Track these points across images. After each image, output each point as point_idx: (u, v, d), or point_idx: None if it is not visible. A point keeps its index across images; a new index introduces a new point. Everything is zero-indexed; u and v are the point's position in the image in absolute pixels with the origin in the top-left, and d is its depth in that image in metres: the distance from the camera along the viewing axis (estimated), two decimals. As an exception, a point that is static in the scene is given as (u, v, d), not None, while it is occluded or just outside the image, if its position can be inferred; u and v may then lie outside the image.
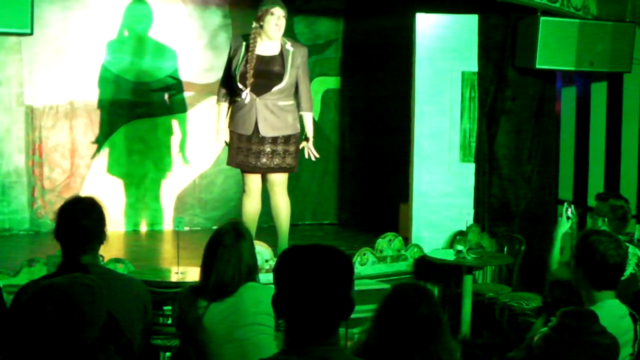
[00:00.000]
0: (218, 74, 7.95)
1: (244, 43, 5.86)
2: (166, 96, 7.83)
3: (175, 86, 7.83)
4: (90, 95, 7.53)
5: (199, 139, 7.92)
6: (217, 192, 8.03)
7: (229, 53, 5.98)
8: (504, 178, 7.50)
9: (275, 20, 5.79)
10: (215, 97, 6.21)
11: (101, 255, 3.20)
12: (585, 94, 7.66)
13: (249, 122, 5.82)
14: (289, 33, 8.10)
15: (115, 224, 7.25)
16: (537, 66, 7.04)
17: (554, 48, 6.98)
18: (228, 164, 6.10)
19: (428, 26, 6.69)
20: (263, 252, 5.61)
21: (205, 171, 7.98)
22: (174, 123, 7.86)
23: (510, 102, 7.48)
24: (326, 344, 2.00)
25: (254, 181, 6.00)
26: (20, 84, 7.28)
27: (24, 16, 5.68)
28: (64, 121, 7.47)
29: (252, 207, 6.03)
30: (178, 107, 7.87)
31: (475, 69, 6.83)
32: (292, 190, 7.09)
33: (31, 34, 5.89)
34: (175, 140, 7.87)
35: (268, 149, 5.86)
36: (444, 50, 6.73)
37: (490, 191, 7.42)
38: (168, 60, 7.79)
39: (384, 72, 7.91)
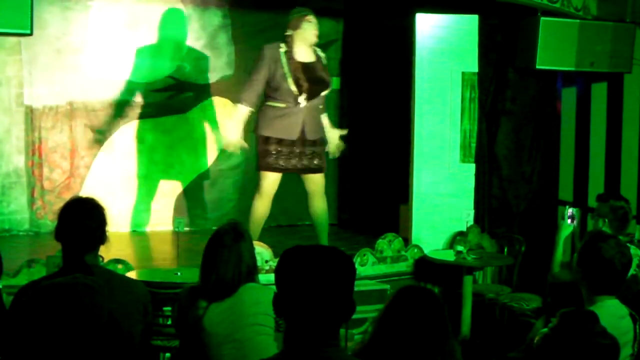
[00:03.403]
0: (218, 74, 8.00)
1: (280, 50, 5.96)
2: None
3: (175, 86, 7.83)
4: (90, 95, 7.53)
5: (199, 139, 7.92)
6: (216, 193, 8.03)
7: (261, 60, 5.98)
8: (504, 178, 7.50)
9: (313, 27, 5.99)
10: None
11: (101, 256, 3.20)
12: (585, 95, 7.66)
13: (295, 127, 5.96)
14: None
15: (115, 224, 7.21)
16: (537, 66, 7.04)
17: (554, 48, 6.98)
18: (262, 169, 6.05)
19: (428, 26, 6.69)
20: (263, 253, 5.61)
21: (204, 171, 7.98)
22: (174, 123, 7.85)
23: (510, 102, 7.48)
24: (327, 345, 2.00)
25: (273, 184, 6.07)
26: (20, 84, 7.28)
27: (24, 16, 5.67)
28: (64, 121, 7.47)
29: (264, 209, 6.09)
30: (178, 108, 7.87)
31: (476, 69, 6.83)
32: (292, 190, 7.10)
33: (31, 34, 5.89)
34: (174, 140, 7.86)
35: (309, 151, 6.05)
36: (444, 51, 6.73)
37: (490, 192, 7.42)
38: (168, 61, 7.79)
39: (384, 72, 7.91)
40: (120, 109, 7.65)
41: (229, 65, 8.04)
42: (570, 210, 4.68)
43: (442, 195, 6.74)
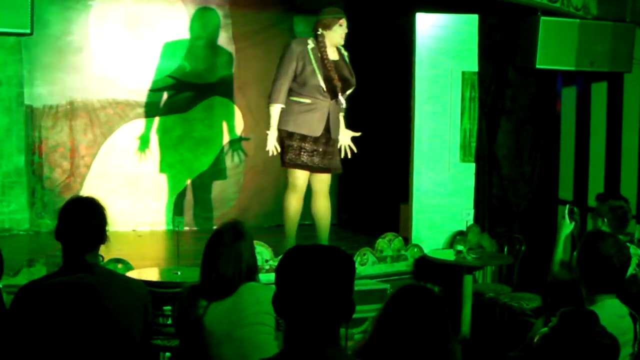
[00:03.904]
0: (218, 74, 8.00)
1: (308, 48, 5.96)
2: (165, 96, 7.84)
3: (175, 86, 7.83)
4: (90, 95, 7.53)
5: (199, 139, 7.92)
6: (217, 192, 8.03)
7: (290, 54, 5.94)
8: (504, 178, 7.50)
9: (343, 31, 6.03)
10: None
11: (101, 255, 3.20)
12: (585, 94, 7.66)
13: (320, 124, 5.96)
14: (289, 33, 8.13)
15: (115, 224, 7.20)
16: (537, 66, 7.04)
17: (554, 48, 6.98)
18: (287, 165, 6.01)
19: (428, 26, 6.69)
20: (263, 252, 5.62)
21: (205, 171, 7.98)
22: (174, 123, 7.85)
23: (510, 102, 7.48)
24: (327, 344, 2.00)
25: (304, 180, 6.07)
26: (20, 84, 7.28)
27: (24, 16, 5.67)
28: (64, 121, 7.47)
29: (298, 205, 6.10)
30: (178, 107, 7.87)
31: (476, 69, 6.82)
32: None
33: (31, 34, 5.89)
34: (174, 140, 7.86)
35: (330, 149, 6.06)
36: (444, 50, 6.73)
37: (490, 191, 7.42)
38: (168, 60, 7.79)
39: (384, 72, 7.90)
40: (120, 108, 7.65)
41: (230, 64, 8.04)
42: (571, 210, 4.68)
43: (442, 194, 6.74)
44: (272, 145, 5.92)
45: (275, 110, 5.91)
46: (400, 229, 6.93)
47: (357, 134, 6.23)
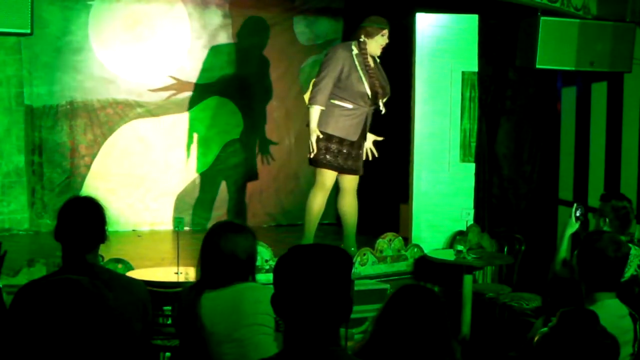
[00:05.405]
0: (218, 74, 8.00)
1: (354, 55, 6.00)
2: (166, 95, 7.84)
3: (175, 86, 7.84)
4: (90, 95, 7.54)
5: (199, 139, 7.92)
6: (217, 192, 8.04)
7: (336, 60, 5.98)
8: (504, 178, 7.50)
9: (384, 41, 6.07)
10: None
11: (101, 255, 3.20)
12: (585, 94, 7.65)
13: (358, 129, 6.08)
14: (289, 33, 8.14)
15: (115, 224, 7.25)
16: (537, 66, 7.03)
17: (554, 48, 6.98)
18: (320, 166, 6.06)
19: (428, 26, 6.69)
20: (263, 252, 5.62)
21: (205, 171, 7.98)
22: (174, 123, 7.86)
23: (510, 102, 7.48)
24: (326, 344, 2.00)
25: (332, 180, 6.15)
26: (20, 83, 7.28)
27: (24, 16, 5.67)
28: (64, 121, 7.47)
29: (323, 204, 6.17)
30: (178, 107, 7.87)
31: (475, 69, 6.83)
32: (292, 190, 7.09)
33: (31, 33, 5.90)
34: (175, 140, 7.87)
35: (361, 152, 6.18)
36: (444, 50, 6.73)
37: (490, 191, 7.42)
38: (168, 60, 7.79)
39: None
40: (120, 108, 7.65)
41: (230, 64, 8.05)
42: (577, 209, 4.68)
43: (442, 194, 6.74)
44: (316, 148, 5.97)
45: (316, 111, 5.96)
46: (400, 229, 6.93)
47: (380, 139, 6.29)
